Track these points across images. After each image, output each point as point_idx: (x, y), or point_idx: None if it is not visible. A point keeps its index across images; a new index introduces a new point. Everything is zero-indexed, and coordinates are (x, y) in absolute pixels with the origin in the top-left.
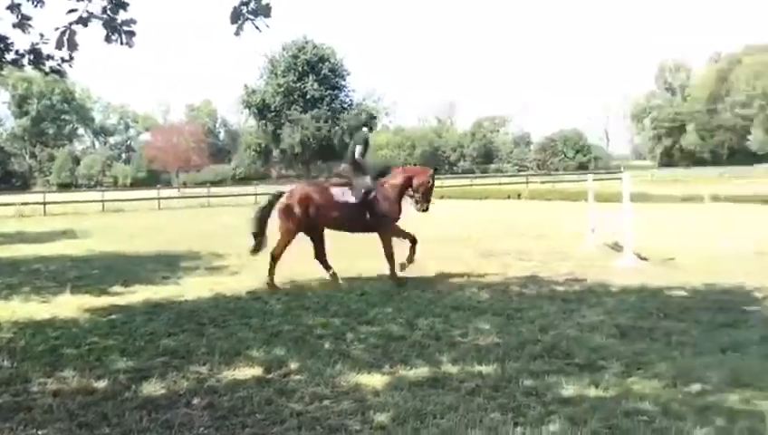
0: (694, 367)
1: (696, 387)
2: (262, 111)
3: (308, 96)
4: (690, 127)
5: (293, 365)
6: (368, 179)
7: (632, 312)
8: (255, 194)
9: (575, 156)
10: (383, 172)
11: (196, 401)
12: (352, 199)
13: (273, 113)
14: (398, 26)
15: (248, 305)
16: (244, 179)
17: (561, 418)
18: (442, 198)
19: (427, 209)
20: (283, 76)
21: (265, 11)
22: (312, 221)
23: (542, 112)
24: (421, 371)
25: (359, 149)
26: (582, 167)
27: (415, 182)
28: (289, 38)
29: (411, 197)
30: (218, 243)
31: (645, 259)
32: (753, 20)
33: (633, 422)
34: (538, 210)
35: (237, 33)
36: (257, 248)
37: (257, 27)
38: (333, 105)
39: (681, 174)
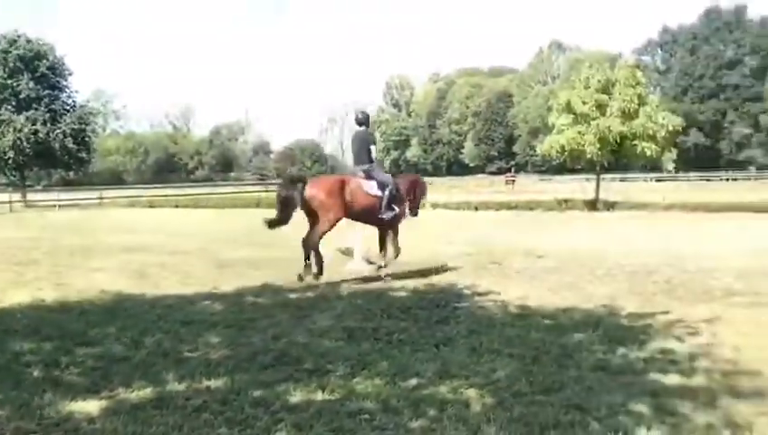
0: (411, 363)
1: (412, 382)
2: None
3: (22, 95)
4: (414, 141)
5: None
6: (390, 177)
7: (359, 314)
8: None
9: (313, 165)
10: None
11: None
12: (379, 193)
13: None
14: (130, 25)
15: None
16: None
17: (288, 425)
18: (177, 206)
19: (417, 214)
20: None
21: None
22: (347, 210)
23: (281, 121)
24: (144, 392)
25: (374, 148)
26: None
27: (417, 190)
28: None
29: (410, 201)
30: None
31: (373, 263)
32: (468, 43)
33: (356, 422)
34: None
35: None
36: (276, 224)
37: None
38: (53, 106)
39: None
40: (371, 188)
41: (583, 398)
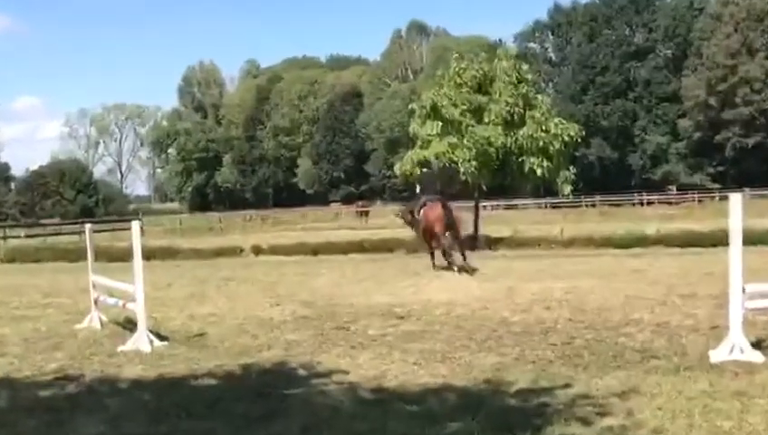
0: None
1: None
2: None
3: None
4: (227, 159)
5: None
6: None
7: (145, 414)
8: None
9: (76, 197)
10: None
11: None
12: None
13: None
14: None
15: None
16: None
17: None
18: None
19: None
20: None
21: None
22: None
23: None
24: None
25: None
26: (88, 212)
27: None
28: None
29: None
30: None
31: (165, 339)
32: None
33: None
34: (20, 276)
35: None
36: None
37: None
38: None
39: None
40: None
41: None
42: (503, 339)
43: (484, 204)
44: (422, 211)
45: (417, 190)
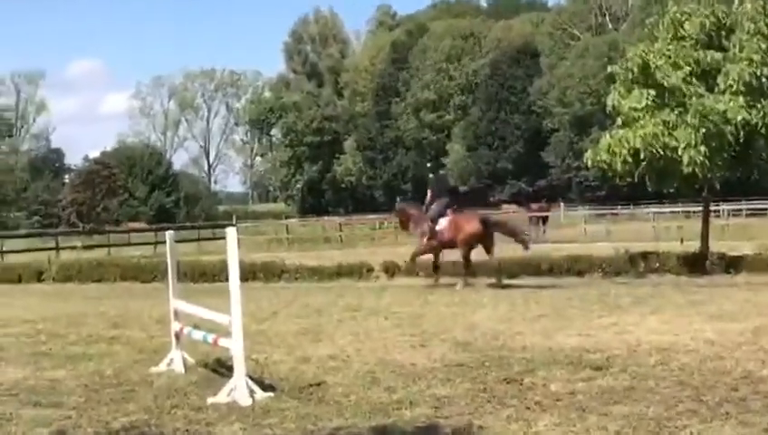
0: None
1: None
2: None
3: None
4: (349, 143)
5: None
6: None
7: None
8: None
9: (150, 195)
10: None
11: None
12: None
13: None
14: None
15: None
16: None
17: None
18: None
19: None
20: None
21: None
22: None
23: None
24: None
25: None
26: (166, 215)
27: None
28: None
29: None
30: None
31: (271, 389)
32: None
33: None
34: (77, 301)
35: None
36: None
37: None
38: None
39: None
40: None
41: None
42: (746, 402)
43: (717, 207)
44: (449, 221)
45: (428, 194)
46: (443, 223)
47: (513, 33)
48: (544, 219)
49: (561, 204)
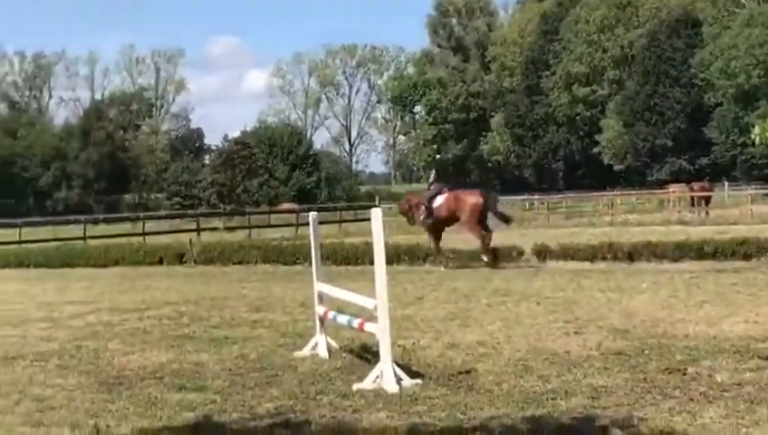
0: None
1: None
2: None
3: None
4: (496, 120)
5: None
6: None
7: None
8: None
9: (290, 175)
10: None
11: None
12: None
13: None
14: None
15: None
16: None
17: None
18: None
19: None
20: None
21: None
22: None
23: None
24: None
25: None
26: (306, 196)
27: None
28: None
29: None
30: None
31: (418, 376)
32: None
33: None
34: (218, 283)
35: None
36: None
37: None
38: None
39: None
40: None
41: None
42: None
43: None
44: (446, 197)
45: (431, 180)
46: (439, 200)
47: (673, 1)
48: (707, 200)
49: (725, 183)
